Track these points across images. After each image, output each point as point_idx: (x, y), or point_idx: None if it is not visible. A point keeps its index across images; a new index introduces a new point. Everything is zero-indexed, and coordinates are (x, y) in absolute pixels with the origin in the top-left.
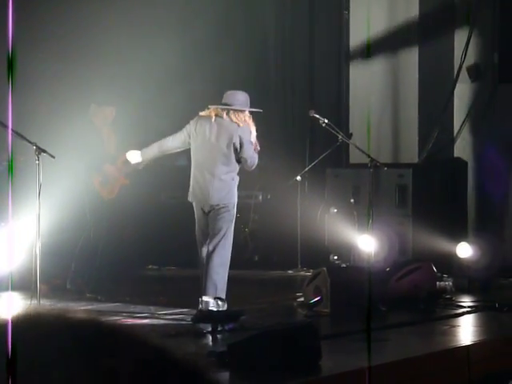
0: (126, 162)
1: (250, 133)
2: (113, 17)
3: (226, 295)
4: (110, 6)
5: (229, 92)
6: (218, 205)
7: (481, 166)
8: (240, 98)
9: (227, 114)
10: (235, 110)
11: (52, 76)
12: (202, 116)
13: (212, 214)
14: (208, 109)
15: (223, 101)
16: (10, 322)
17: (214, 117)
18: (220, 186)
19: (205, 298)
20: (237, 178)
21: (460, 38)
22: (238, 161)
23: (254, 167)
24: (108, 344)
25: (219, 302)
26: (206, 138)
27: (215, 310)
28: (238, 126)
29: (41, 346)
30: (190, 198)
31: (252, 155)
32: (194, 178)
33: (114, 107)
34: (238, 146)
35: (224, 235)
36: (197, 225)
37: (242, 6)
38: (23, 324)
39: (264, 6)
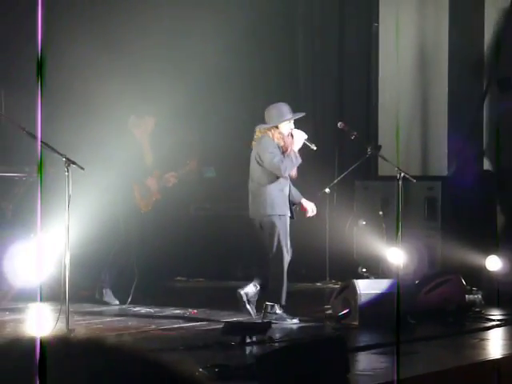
0: (161, 176)
1: (269, 143)
2: (150, 25)
3: (255, 307)
4: (147, 14)
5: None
6: (253, 219)
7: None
8: (265, 114)
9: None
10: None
11: (83, 86)
12: None
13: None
14: None
15: None
16: (38, 341)
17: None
18: (251, 200)
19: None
20: (268, 189)
21: (490, 49)
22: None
23: (283, 172)
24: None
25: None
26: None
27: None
28: (257, 142)
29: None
30: None
31: (271, 163)
32: None
33: (154, 118)
34: (259, 160)
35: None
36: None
37: (272, 17)
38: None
39: (294, 17)
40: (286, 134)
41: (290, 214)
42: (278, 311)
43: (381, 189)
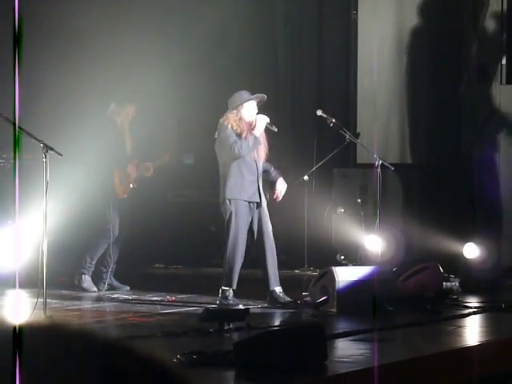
0: (139, 165)
1: (225, 126)
2: (129, 12)
3: (233, 294)
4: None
5: None
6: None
7: (482, 165)
8: (228, 102)
9: None
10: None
11: (61, 74)
12: None
13: None
14: None
15: None
16: (16, 328)
17: None
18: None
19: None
20: (227, 174)
21: (468, 39)
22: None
23: (237, 152)
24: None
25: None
26: None
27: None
28: (217, 130)
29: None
30: None
31: (226, 145)
32: None
33: (134, 105)
34: (218, 146)
35: (228, 234)
36: None
37: (251, 7)
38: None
39: (272, 6)
40: (246, 118)
41: (253, 200)
42: (230, 297)
43: (359, 176)
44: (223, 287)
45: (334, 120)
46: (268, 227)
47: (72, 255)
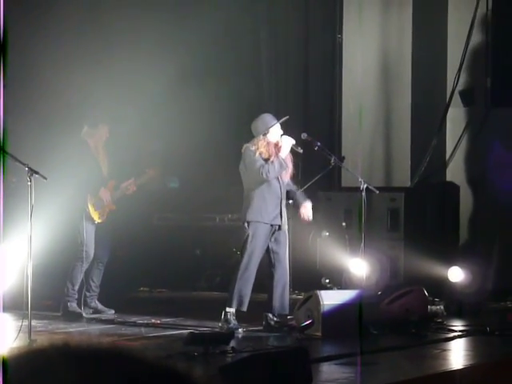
0: (117, 186)
1: (252, 151)
2: (105, 37)
3: (218, 317)
4: (103, 27)
5: None
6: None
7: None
8: (252, 128)
9: None
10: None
11: (44, 97)
12: None
13: None
14: None
15: None
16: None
17: None
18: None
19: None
20: (251, 197)
21: (453, 62)
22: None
23: (264, 175)
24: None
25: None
26: None
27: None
28: (242, 155)
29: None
30: None
31: (253, 168)
32: None
33: (107, 125)
34: (244, 169)
35: (242, 255)
36: None
37: (236, 28)
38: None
39: (257, 29)
40: (273, 142)
41: (275, 223)
42: (232, 319)
43: (344, 200)
44: (227, 309)
45: (318, 143)
46: (284, 252)
47: (57, 279)
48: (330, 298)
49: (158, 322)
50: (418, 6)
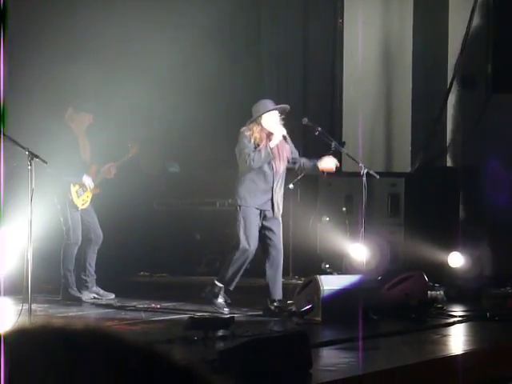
0: (97, 171)
1: (246, 136)
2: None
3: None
4: (100, 13)
5: None
6: None
7: (485, 173)
8: (252, 110)
9: None
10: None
11: (46, 81)
12: None
13: None
14: None
15: None
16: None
17: None
18: None
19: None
20: (241, 181)
21: (454, 47)
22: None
23: (248, 164)
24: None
25: None
26: None
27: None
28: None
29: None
30: None
31: (240, 156)
32: None
33: (91, 114)
34: (237, 153)
35: (238, 239)
36: None
37: (236, 15)
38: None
39: (258, 15)
40: (267, 129)
41: (264, 208)
42: (221, 294)
43: (344, 185)
44: (216, 281)
45: (319, 128)
46: (277, 239)
47: (56, 262)
48: (330, 283)
49: (158, 306)
50: None
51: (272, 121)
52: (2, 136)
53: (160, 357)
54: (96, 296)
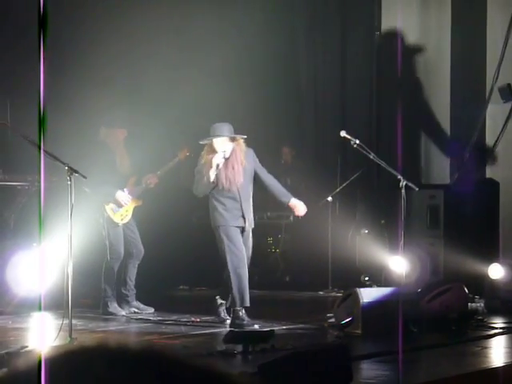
0: (137, 182)
1: (199, 161)
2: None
3: (257, 315)
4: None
5: None
6: None
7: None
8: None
9: None
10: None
11: (83, 98)
12: None
13: None
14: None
15: None
16: (43, 356)
17: None
18: None
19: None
20: (212, 203)
21: (492, 58)
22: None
23: (195, 193)
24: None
25: None
26: None
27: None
28: None
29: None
30: None
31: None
32: None
33: (124, 129)
34: None
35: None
36: None
37: (273, 28)
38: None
39: (296, 28)
40: (218, 151)
41: (239, 225)
42: (244, 315)
43: (383, 197)
44: (236, 308)
45: (357, 141)
46: (248, 252)
47: (96, 277)
48: (370, 296)
49: (198, 320)
50: (457, 1)
51: (220, 148)
52: (42, 151)
53: (207, 371)
54: (136, 310)
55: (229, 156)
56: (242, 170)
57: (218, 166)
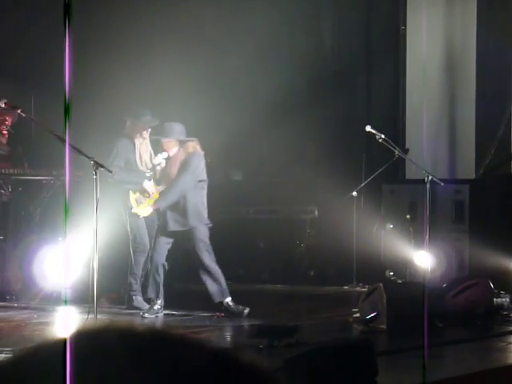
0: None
1: None
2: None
3: (282, 310)
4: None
5: None
6: None
7: None
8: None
9: None
10: None
11: (108, 91)
12: None
13: None
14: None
15: None
16: (68, 340)
17: None
18: None
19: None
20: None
21: None
22: None
23: None
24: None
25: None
26: None
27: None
28: None
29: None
30: None
31: None
32: None
33: (148, 126)
34: None
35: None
36: None
37: (298, 24)
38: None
39: (320, 22)
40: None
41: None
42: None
43: (408, 192)
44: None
45: (382, 136)
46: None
47: (121, 271)
48: (395, 291)
49: (223, 314)
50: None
51: (164, 146)
52: (67, 145)
53: (228, 357)
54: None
55: (172, 157)
56: (178, 173)
57: (159, 164)
